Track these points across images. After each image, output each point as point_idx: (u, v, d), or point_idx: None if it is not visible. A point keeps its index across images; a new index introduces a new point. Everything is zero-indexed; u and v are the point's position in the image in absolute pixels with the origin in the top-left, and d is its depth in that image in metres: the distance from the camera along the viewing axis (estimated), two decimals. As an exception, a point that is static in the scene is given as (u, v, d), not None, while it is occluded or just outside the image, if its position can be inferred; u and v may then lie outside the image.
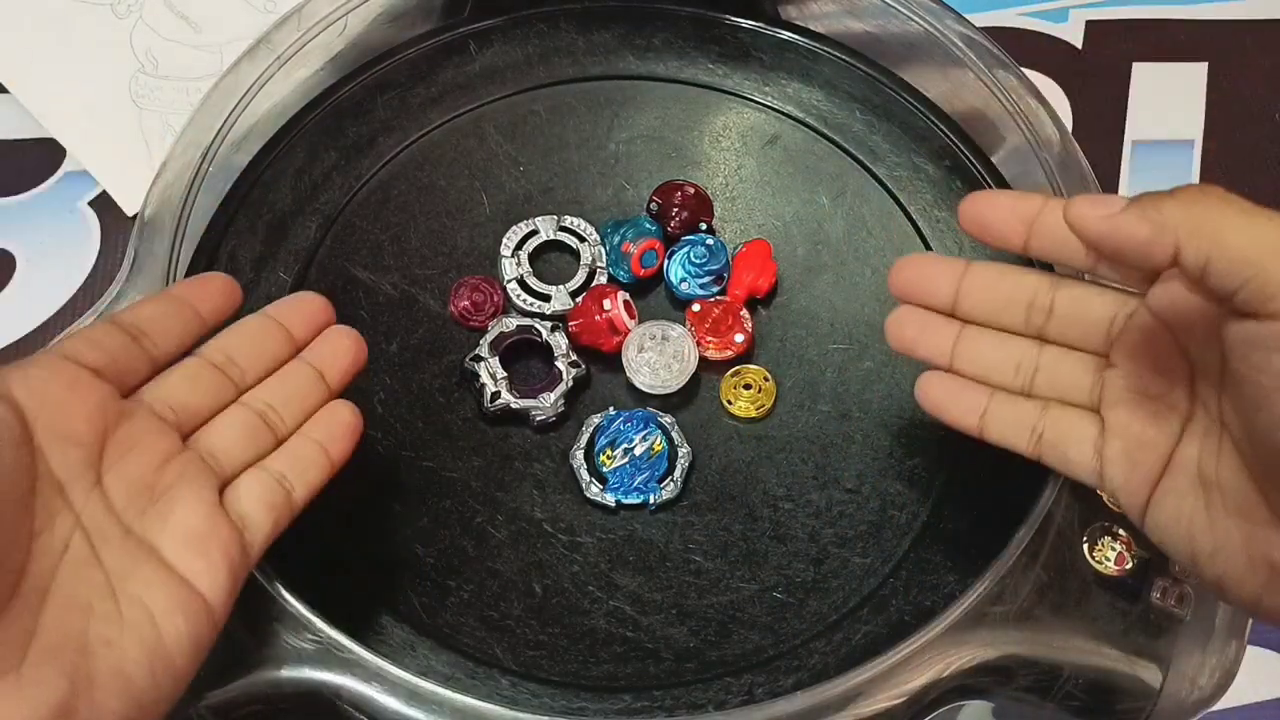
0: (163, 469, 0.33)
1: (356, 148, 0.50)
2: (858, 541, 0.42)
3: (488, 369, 0.44)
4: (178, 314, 0.36)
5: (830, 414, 0.45)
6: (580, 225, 0.48)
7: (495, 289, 0.46)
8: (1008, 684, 0.37)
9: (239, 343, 0.37)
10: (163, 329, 0.35)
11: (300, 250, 0.47)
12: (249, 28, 0.59)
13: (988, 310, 0.37)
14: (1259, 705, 0.47)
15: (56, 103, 0.57)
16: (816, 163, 0.51)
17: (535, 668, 0.40)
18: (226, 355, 0.36)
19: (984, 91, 0.48)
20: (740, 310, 0.46)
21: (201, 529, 0.32)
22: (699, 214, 0.48)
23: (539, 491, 0.43)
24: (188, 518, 0.32)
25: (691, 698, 0.39)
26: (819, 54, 0.53)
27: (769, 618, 0.41)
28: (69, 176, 0.56)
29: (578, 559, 0.42)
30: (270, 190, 0.48)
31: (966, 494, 0.43)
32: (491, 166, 0.50)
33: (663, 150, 0.51)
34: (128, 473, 0.32)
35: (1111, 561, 0.39)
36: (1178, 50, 0.63)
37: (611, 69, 0.53)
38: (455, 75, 0.52)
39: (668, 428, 0.44)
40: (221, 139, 0.45)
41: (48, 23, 0.59)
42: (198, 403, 0.35)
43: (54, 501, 0.30)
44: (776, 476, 0.44)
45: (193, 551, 0.32)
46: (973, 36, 0.49)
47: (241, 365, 0.36)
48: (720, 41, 0.53)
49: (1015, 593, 0.38)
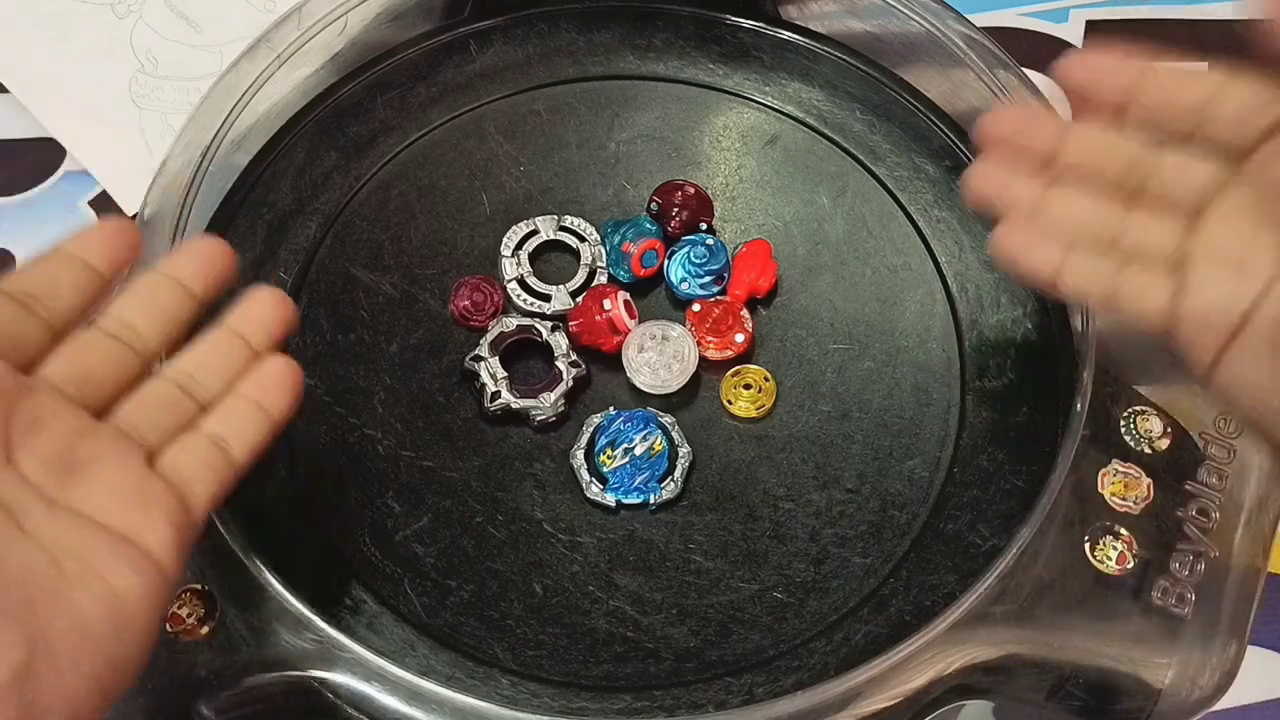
0: (77, 444, 0.31)
1: (356, 147, 0.50)
2: (858, 541, 0.42)
3: (488, 369, 0.44)
4: (68, 272, 0.33)
5: (830, 414, 0.45)
6: (580, 225, 0.48)
7: (495, 289, 0.46)
8: (1008, 684, 0.37)
9: (134, 306, 0.34)
10: (53, 292, 0.33)
11: (300, 250, 0.47)
12: (249, 27, 0.59)
13: (1085, 170, 0.37)
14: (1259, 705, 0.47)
15: (56, 103, 0.57)
16: (817, 163, 0.51)
17: (535, 668, 0.40)
18: (122, 322, 0.34)
19: (984, 91, 0.48)
20: (740, 310, 0.46)
21: (133, 490, 0.31)
22: (699, 214, 0.48)
23: (539, 491, 0.43)
24: (114, 481, 0.31)
25: (691, 698, 0.39)
26: (819, 54, 0.53)
27: (769, 618, 0.41)
28: (69, 176, 0.56)
29: (578, 559, 0.42)
30: (270, 190, 0.48)
31: (966, 494, 0.43)
32: (492, 166, 0.50)
33: (663, 150, 0.51)
34: (40, 449, 0.31)
35: (1112, 561, 0.39)
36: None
37: (612, 69, 0.53)
38: (455, 75, 0.52)
39: (668, 428, 0.44)
40: (221, 138, 0.45)
41: (48, 23, 0.59)
42: (100, 375, 0.33)
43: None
44: (777, 476, 0.44)
45: (127, 509, 0.31)
46: (973, 36, 0.49)
47: (140, 329, 0.34)
48: (720, 41, 0.53)
49: (1016, 593, 0.38)
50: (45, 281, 0.33)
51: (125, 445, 0.32)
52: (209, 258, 0.36)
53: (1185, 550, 0.39)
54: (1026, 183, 0.37)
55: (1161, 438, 0.41)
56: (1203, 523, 0.39)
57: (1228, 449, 0.41)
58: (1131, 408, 0.41)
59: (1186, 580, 0.38)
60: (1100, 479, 0.40)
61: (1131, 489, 0.40)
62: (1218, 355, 0.34)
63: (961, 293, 0.47)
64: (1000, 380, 0.45)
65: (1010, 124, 0.38)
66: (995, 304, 0.47)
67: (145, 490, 0.31)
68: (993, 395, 0.45)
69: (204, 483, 0.33)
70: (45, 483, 0.30)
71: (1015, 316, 0.47)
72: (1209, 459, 0.40)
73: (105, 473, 0.31)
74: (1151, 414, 0.41)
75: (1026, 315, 0.47)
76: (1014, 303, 0.47)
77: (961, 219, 0.49)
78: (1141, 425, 0.41)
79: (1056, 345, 0.46)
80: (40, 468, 0.30)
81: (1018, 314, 0.47)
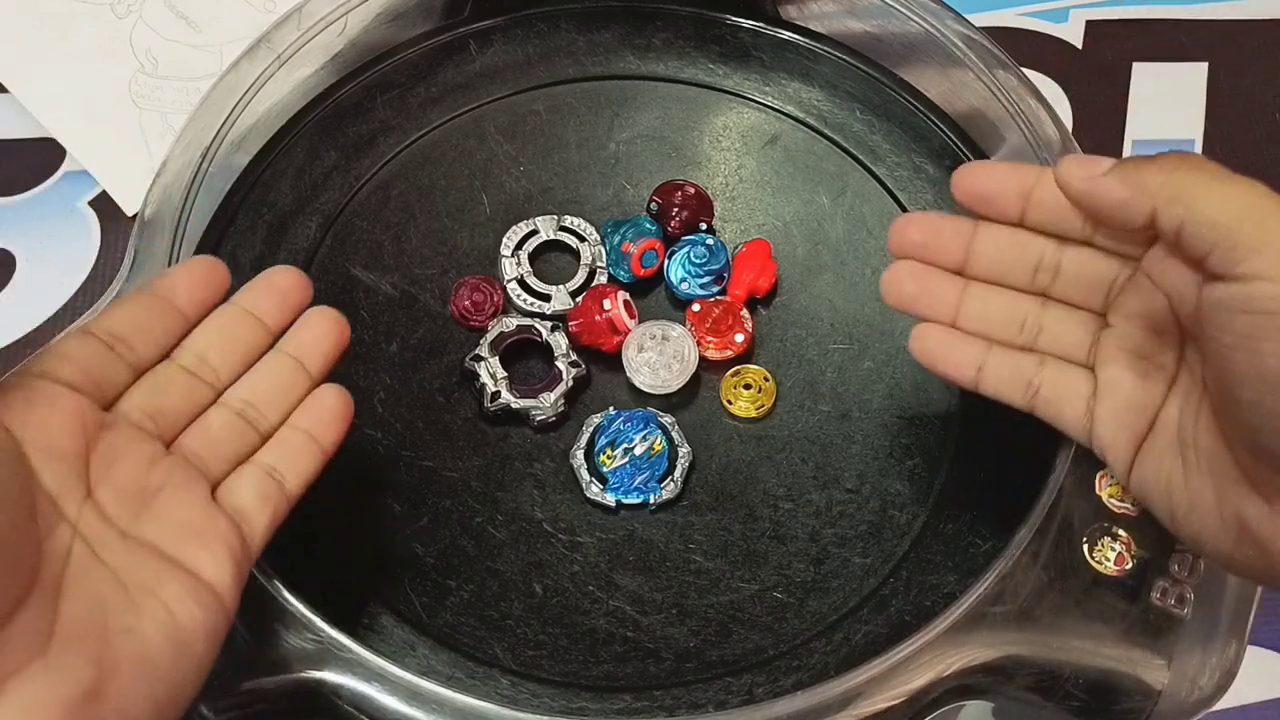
0: (149, 475, 0.33)
1: (356, 148, 0.50)
2: (858, 541, 0.42)
3: (488, 369, 0.44)
4: (156, 314, 0.35)
5: (830, 414, 0.45)
6: (580, 225, 0.48)
7: (495, 289, 0.46)
8: (1008, 684, 0.37)
9: (210, 341, 0.36)
10: (140, 332, 0.35)
11: (300, 250, 0.47)
12: (249, 27, 0.59)
13: (996, 270, 0.37)
14: (1259, 705, 0.47)
15: (56, 103, 0.57)
16: (817, 162, 0.51)
17: (535, 668, 0.40)
18: (198, 356, 0.36)
19: (984, 91, 0.48)
20: (740, 310, 0.46)
21: (198, 523, 0.32)
22: (699, 214, 0.48)
23: (539, 491, 0.43)
24: (182, 514, 0.32)
25: (691, 698, 0.39)
26: (819, 54, 0.53)
27: (769, 618, 0.41)
28: (69, 176, 0.56)
29: (578, 559, 0.42)
30: (270, 190, 0.48)
31: (966, 494, 0.43)
32: (491, 166, 0.50)
33: (663, 150, 0.51)
34: (116, 482, 0.32)
35: (1111, 562, 0.39)
36: (1178, 50, 0.63)
37: (612, 69, 0.53)
38: (455, 75, 0.52)
39: (668, 428, 0.44)
40: (221, 139, 0.45)
41: (48, 23, 0.59)
42: (174, 409, 0.35)
43: (50, 513, 0.30)
44: (776, 476, 0.44)
45: (193, 544, 0.32)
46: (973, 36, 0.49)
47: (214, 364, 0.36)
48: (720, 41, 0.53)
49: (1015, 593, 0.38)
50: (132, 326, 0.35)
51: (191, 476, 0.34)
52: (285, 292, 0.37)
53: (1184, 550, 0.39)
54: (942, 285, 0.38)
55: (1161, 438, 0.41)
56: (1202, 523, 0.39)
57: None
58: (1131, 408, 0.41)
59: (1186, 580, 0.38)
60: (1099, 480, 0.40)
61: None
62: (1132, 457, 0.35)
63: (961, 293, 0.47)
64: (1000, 380, 0.45)
65: (917, 233, 0.38)
66: (995, 304, 0.47)
67: (209, 524, 0.33)
68: (992, 395, 0.45)
69: (261, 515, 0.34)
70: (119, 514, 0.32)
71: (1015, 316, 0.47)
72: (1208, 459, 0.40)
73: (173, 505, 0.32)
74: (1151, 414, 0.41)
75: (1026, 315, 0.47)
76: (1014, 303, 0.47)
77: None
78: (1141, 425, 0.41)
79: (1056, 345, 0.46)
80: (115, 500, 0.32)
81: (1017, 314, 0.47)
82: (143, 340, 0.35)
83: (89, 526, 0.31)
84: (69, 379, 0.33)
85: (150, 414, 0.34)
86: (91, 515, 0.31)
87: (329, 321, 0.38)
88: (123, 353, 0.34)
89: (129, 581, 0.31)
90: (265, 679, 0.36)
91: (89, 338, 0.34)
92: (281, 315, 0.37)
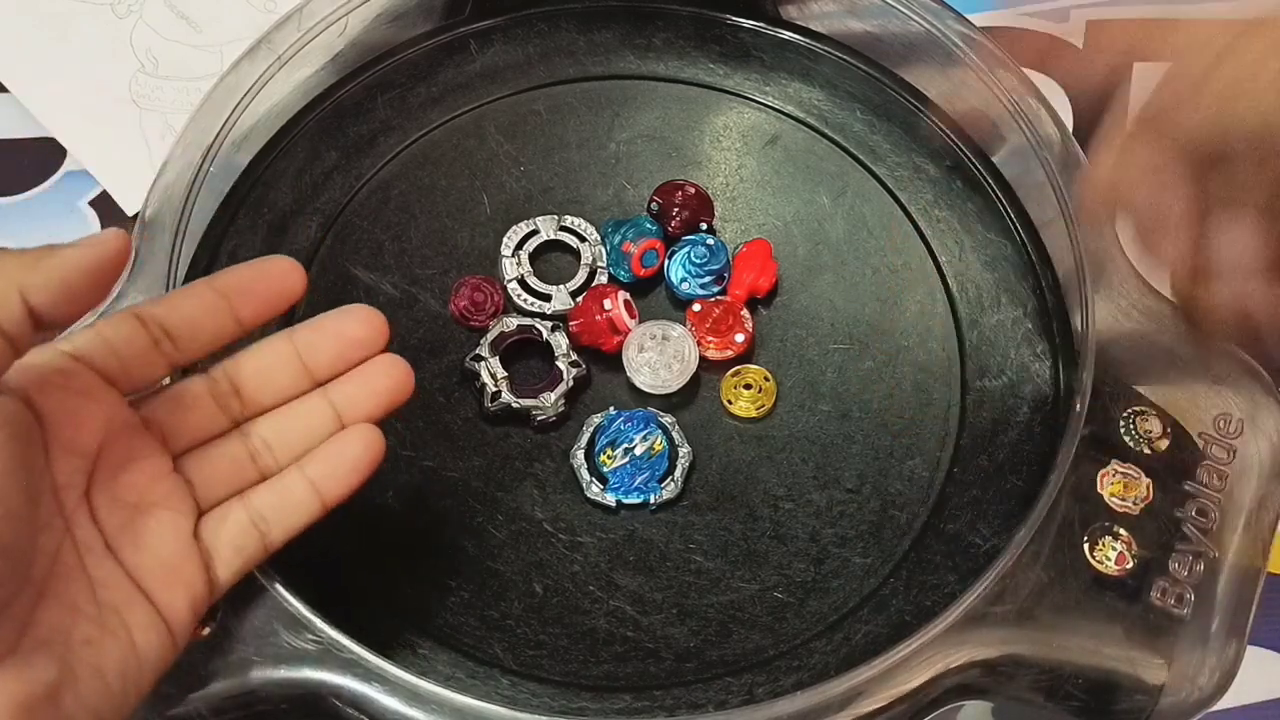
0: (147, 490, 0.32)
1: (357, 147, 0.50)
2: (858, 541, 0.42)
3: (488, 369, 0.44)
4: (210, 315, 0.33)
5: (830, 414, 0.45)
6: (581, 225, 0.48)
7: (495, 289, 0.46)
8: (1008, 684, 0.37)
9: (250, 373, 0.34)
10: (189, 332, 0.33)
11: (300, 250, 0.47)
12: (249, 28, 0.59)
13: None
14: (1259, 705, 0.47)
15: (56, 103, 0.57)
16: (817, 163, 0.51)
17: (535, 668, 0.40)
18: (233, 385, 0.34)
19: (984, 91, 0.48)
20: (740, 310, 0.46)
21: (172, 561, 0.32)
22: (699, 214, 0.48)
23: (539, 491, 0.43)
24: (161, 547, 0.32)
25: (691, 698, 0.39)
26: (819, 54, 0.53)
27: (769, 618, 0.41)
28: (69, 176, 0.56)
29: (578, 559, 0.42)
30: (271, 190, 0.48)
31: (966, 494, 0.43)
32: (492, 166, 0.50)
33: (663, 150, 0.51)
34: (116, 489, 0.32)
35: (1112, 561, 0.39)
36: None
37: (612, 69, 0.53)
38: (455, 75, 0.52)
39: (668, 428, 0.44)
40: (222, 139, 0.45)
41: (48, 23, 0.59)
42: (192, 431, 0.34)
43: (49, 506, 0.30)
44: (777, 476, 0.44)
45: (162, 583, 0.32)
46: (973, 36, 0.49)
47: (245, 399, 0.35)
48: (721, 41, 0.53)
49: (1015, 593, 0.38)
50: (185, 323, 0.33)
51: (184, 505, 0.33)
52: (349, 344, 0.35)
53: (1185, 551, 0.39)
54: None
55: (1161, 438, 0.41)
56: (1202, 523, 0.39)
57: (1227, 449, 0.41)
58: (1131, 408, 0.41)
59: (1186, 580, 0.38)
60: (1100, 479, 0.40)
61: (1131, 489, 0.40)
62: None
63: (961, 293, 0.47)
64: (1000, 380, 0.45)
65: None
66: (995, 304, 0.47)
67: (183, 564, 0.32)
68: (993, 395, 0.45)
69: (231, 566, 0.34)
70: (108, 520, 0.32)
71: (1015, 316, 0.47)
72: (1208, 459, 0.40)
73: (158, 532, 0.32)
74: (1151, 414, 0.41)
75: (1026, 315, 0.47)
76: (1014, 303, 0.47)
77: (961, 219, 0.49)
78: (1141, 425, 0.41)
79: (1056, 345, 0.46)
80: (108, 505, 0.32)
81: (1018, 314, 0.47)
82: (189, 340, 0.33)
83: (79, 526, 0.31)
84: (108, 369, 0.32)
85: (168, 428, 0.34)
86: (84, 515, 0.31)
87: (391, 380, 0.35)
88: (166, 351, 0.33)
89: (101, 596, 0.31)
90: (265, 679, 0.36)
91: (139, 328, 0.32)
92: (336, 365, 0.35)
